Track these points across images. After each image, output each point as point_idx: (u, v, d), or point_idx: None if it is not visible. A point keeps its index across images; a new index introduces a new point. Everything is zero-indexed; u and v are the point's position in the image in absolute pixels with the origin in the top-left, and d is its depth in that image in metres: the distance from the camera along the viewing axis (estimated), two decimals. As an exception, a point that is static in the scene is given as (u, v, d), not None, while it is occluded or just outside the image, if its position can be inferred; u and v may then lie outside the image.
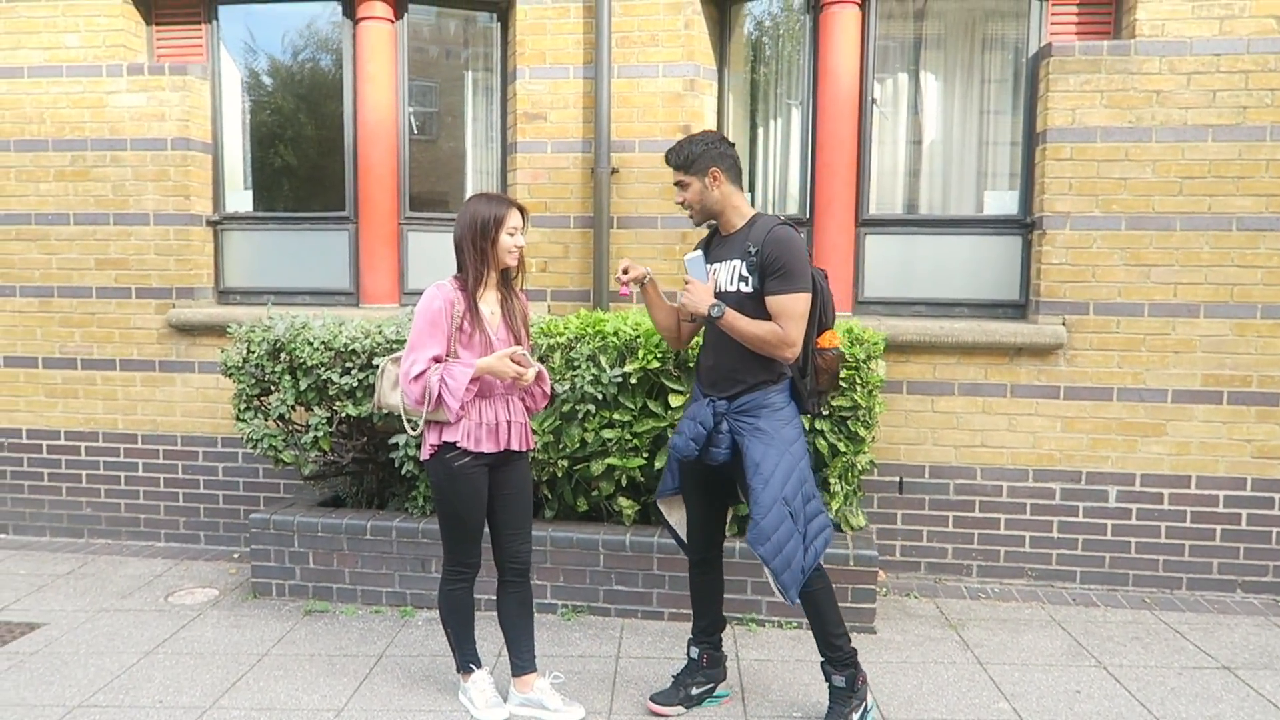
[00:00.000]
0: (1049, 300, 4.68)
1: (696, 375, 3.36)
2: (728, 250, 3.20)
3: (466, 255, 3.17)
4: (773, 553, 3.01)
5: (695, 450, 3.13)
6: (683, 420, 3.22)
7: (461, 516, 3.27)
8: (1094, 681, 3.70)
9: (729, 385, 3.15)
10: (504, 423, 3.23)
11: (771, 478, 3.04)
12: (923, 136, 5.21)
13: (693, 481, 3.34)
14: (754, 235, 3.12)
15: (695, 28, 5.06)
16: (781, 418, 3.14)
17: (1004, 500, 4.79)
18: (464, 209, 3.19)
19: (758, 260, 3.07)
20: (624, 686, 3.61)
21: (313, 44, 5.62)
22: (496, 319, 3.25)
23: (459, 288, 3.18)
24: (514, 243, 3.21)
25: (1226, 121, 4.54)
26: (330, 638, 4.06)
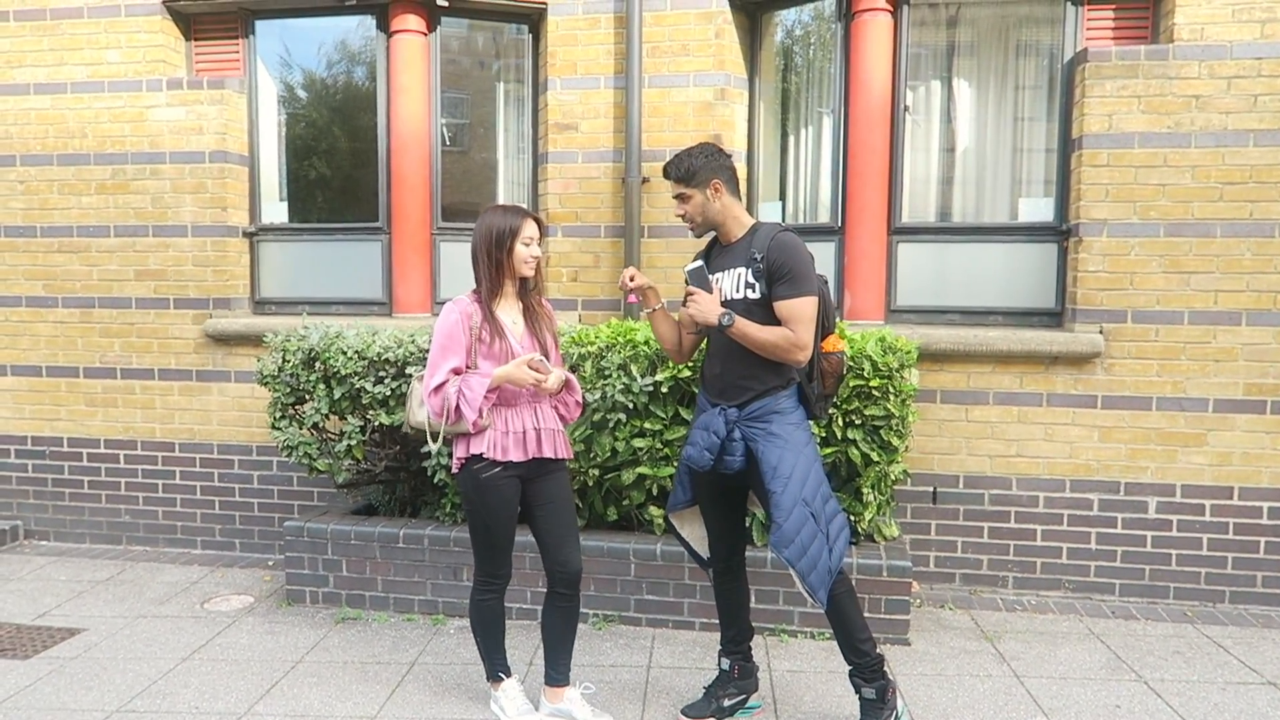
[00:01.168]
0: (1086, 308, 4.61)
1: (702, 384, 3.34)
2: (730, 259, 3.19)
3: (482, 266, 3.19)
4: (798, 555, 3.00)
5: (710, 460, 3.10)
6: (693, 431, 3.19)
7: (490, 528, 3.25)
8: (1134, 696, 3.63)
9: (738, 393, 3.14)
10: (531, 430, 3.20)
11: (790, 480, 3.03)
12: (956, 144, 5.17)
13: (708, 492, 3.32)
14: (758, 242, 3.12)
15: (726, 37, 5.07)
16: (792, 421, 3.14)
17: (1040, 511, 4.72)
18: (479, 221, 3.21)
19: (764, 266, 3.08)
20: (655, 696, 3.60)
21: (346, 57, 5.69)
22: (519, 328, 3.24)
23: (475, 299, 3.20)
24: (530, 253, 3.20)
25: (1269, 126, 4.46)
26: (363, 645, 4.08)
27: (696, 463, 3.12)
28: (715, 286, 3.17)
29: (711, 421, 3.12)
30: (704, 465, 3.11)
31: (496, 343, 3.15)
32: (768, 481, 3.04)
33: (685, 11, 5.06)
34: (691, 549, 3.48)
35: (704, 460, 3.10)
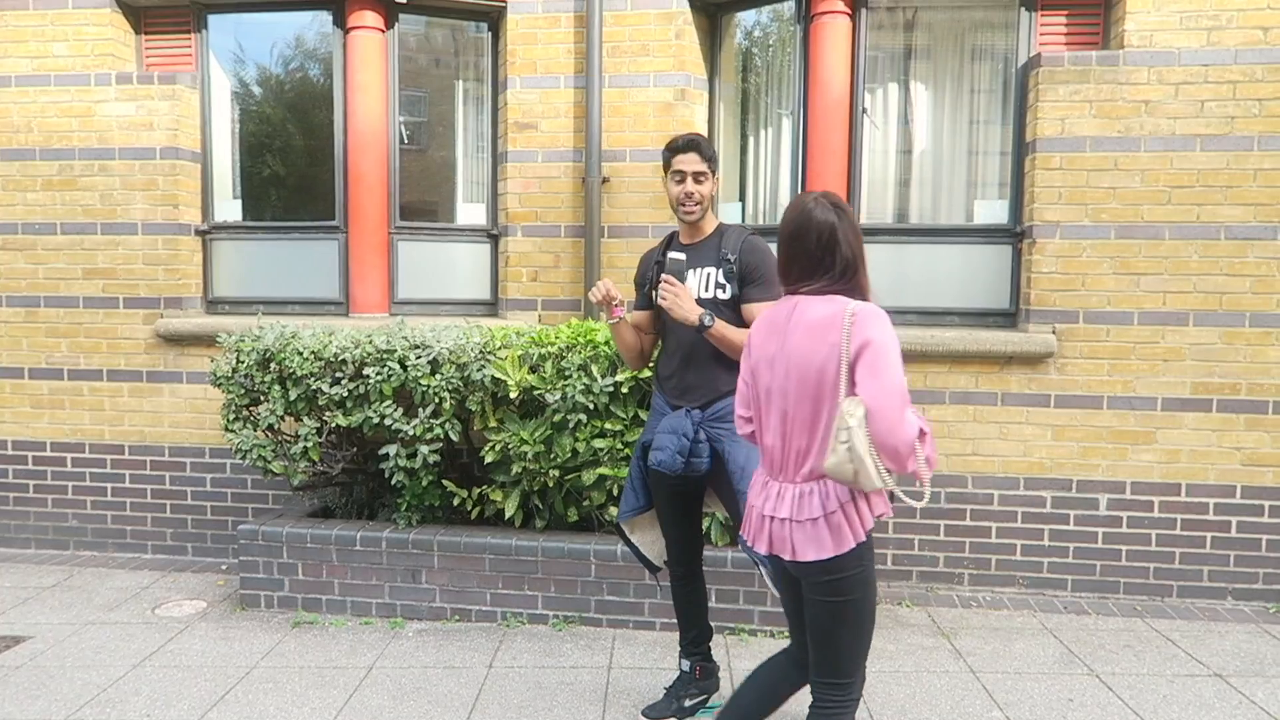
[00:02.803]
0: (1039, 309, 4.69)
1: (658, 386, 3.30)
2: (696, 258, 3.17)
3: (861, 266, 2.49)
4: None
5: (683, 464, 3.06)
6: (659, 435, 3.11)
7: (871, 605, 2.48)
8: (1087, 690, 3.70)
9: (702, 394, 3.14)
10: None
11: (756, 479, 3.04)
12: (913, 146, 5.22)
13: (667, 496, 3.29)
14: (729, 244, 3.15)
15: (686, 37, 5.08)
16: None
17: (995, 509, 4.79)
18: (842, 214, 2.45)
19: (736, 268, 3.10)
20: (616, 697, 3.59)
21: (303, 53, 5.61)
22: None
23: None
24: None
25: (1214, 131, 4.56)
26: (320, 650, 4.03)
27: (668, 467, 3.04)
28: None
29: (679, 424, 3.09)
30: (676, 469, 3.06)
31: None
32: (736, 481, 3.05)
33: (645, 11, 5.06)
34: (642, 555, 3.43)
35: (676, 464, 3.05)
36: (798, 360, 2.36)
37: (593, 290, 3.20)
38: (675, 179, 3.16)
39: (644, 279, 3.35)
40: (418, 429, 4.20)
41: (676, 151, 3.16)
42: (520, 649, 4.02)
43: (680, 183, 3.15)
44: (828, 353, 2.30)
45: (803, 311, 2.40)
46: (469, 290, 5.47)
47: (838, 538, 2.33)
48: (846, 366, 2.27)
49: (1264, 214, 4.54)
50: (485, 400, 4.26)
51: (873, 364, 2.21)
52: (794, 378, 2.37)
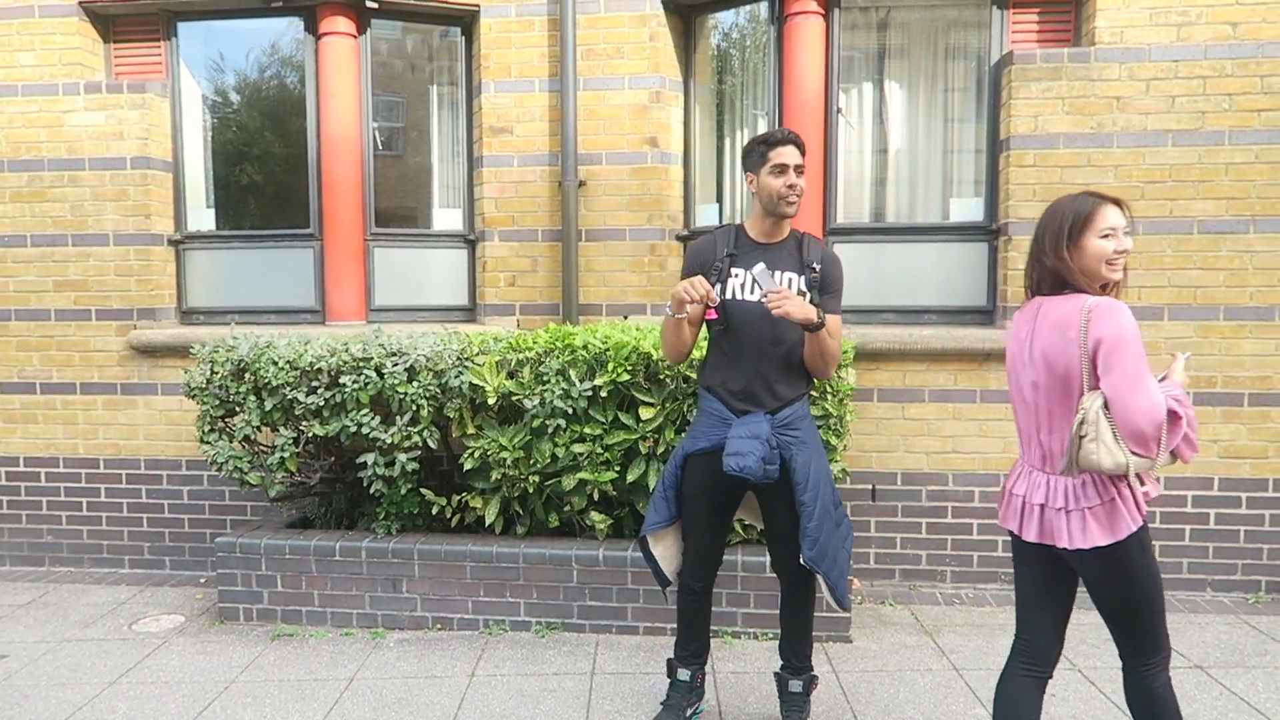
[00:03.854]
0: (1016, 305, 4.70)
1: (714, 392, 3.14)
2: (773, 260, 3.10)
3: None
4: (830, 564, 3.05)
5: (775, 472, 3.00)
6: (739, 441, 2.96)
7: (1157, 594, 2.48)
8: (1068, 684, 3.71)
9: (769, 400, 3.07)
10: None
11: (820, 488, 3.06)
12: (888, 145, 5.23)
13: (709, 506, 3.19)
14: (811, 252, 3.12)
15: (660, 40, 5.07)
16: (813, 425, 3.20)
17: (976, 505, 4.80)
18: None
19: (820, 278, 3.08)
20: (599, 703, 3.57)
21: (275, 60, 5.57)
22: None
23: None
24: (1111, 247, 2.44)
25: (1186, 127, 4.60)
26: (300, 662, 3.98)
27: (753, 473, 2.93)
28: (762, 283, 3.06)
29: (759, 429, 2.99)
30: (761, 476, 2.95)
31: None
32: (800, 492, 3.02)
33: (619, 14, 5.05)
34: (660, 569, 3.30)
35: (760, 471, 2.94)
36: (1047, 358, 2.45)
37: (688, 289, 2.92)
38: (776, 172, 3.03)
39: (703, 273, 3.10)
40: (395, 437, 4.17)
41: (777, 144, 3.05)
42: (502, 657, 4.00)
43: (782, 174, 3.03)
44: (1071, 349, 2.39)
45: (1046, 310, 2.49)
46: (446, 296, 5.44)
47: (1115, 524, 2.38)
48: (1087, 361, 2.36)
49: (1235, 208, 4.57)
50: (463, 407, 4.23)
51: (1108, 357, 2.31)
52: (1044, 374, 2.46)
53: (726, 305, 3.09)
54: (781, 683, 3.32)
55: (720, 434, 3.07)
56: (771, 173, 3.05)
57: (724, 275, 3.10)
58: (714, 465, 3.08)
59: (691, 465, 3.17)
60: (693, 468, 3.17)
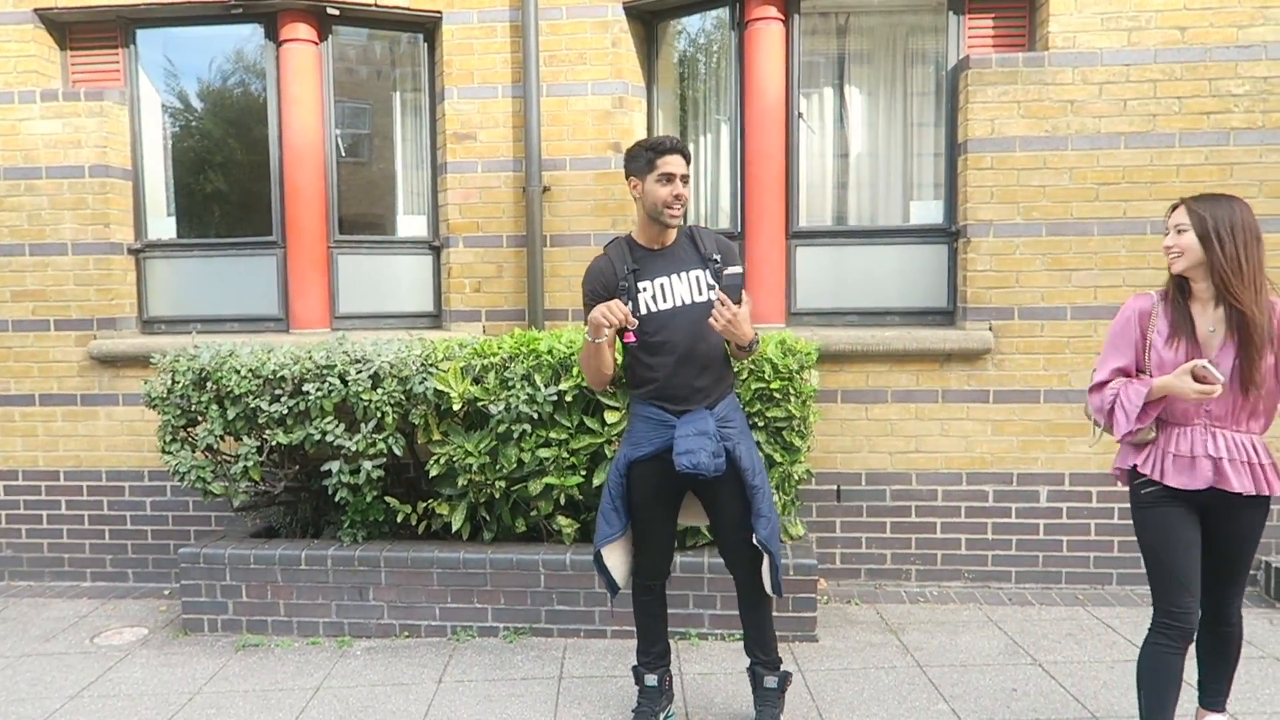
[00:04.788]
0: (976, 306, 4.77)
1: (646, 395, 3.13)
2: (675, 262, 3.11)
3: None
4: (772, 537, 3.12)
5: (724, 465, 3.02)
6: (688, 439, 2.99)
7: (1155, 550, 2.85)
8: (1030, 679, 3.77)
9: (704, 397, 3.10)
10: (1204, 458, 2.76)
11: (763, 473, 3.17)
12: (849, 149, 5.30)
13: (660, 508, 3.22)
14: (707, 245, 3.14)
15: (623, 45, 5.10)
16: (743, 414, 3.28)
17: (939, 504, 4.86)
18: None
19: (722, 267, 3.09)
20: (567, 706, 3.58)
21: (235, 67, 5.53)
22: (1217, 338, 2.77)
23: (1160, 296, 2.86)
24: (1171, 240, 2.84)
25: (1138, 129, 4.69)
26: (265, 672, 3.96)
27: (706, 468, 2.96)
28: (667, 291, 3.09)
29: (704, 425, 3.03)
30: (712, 470, 2.99)
31: (1178, 345, 2.78)
32: (749, 478, 3.09)
33: (581, 20, 5.07)
34: (611, 578, 3.30)
35: (712, 466, 2.98)
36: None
37: (605, 314, 2.93)
38: (663, 180, 3.04)
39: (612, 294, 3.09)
40: (360, 444, 4.16)
41: (664, 152, 3.04)
42: (470, 663, 3.99)
43: (669, 183, 3.04)
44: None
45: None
46: (412, 303, 5.43)
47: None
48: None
49: (1187, 208, 4.66)
50: (428, 413, 4.23)
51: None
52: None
53: (642, 320, 3.07)
54: (756, 678, 3.34)
55: (662, 437, 3.08)
56: (659, 180, 3.04)
57: (633, 292, 3.09)
58: (659, 469, 3.11)
59: (637, 472, 3.17)
60: (639, 475, 3.17)
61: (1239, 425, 2.79)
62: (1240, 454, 2.77)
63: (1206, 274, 2.77)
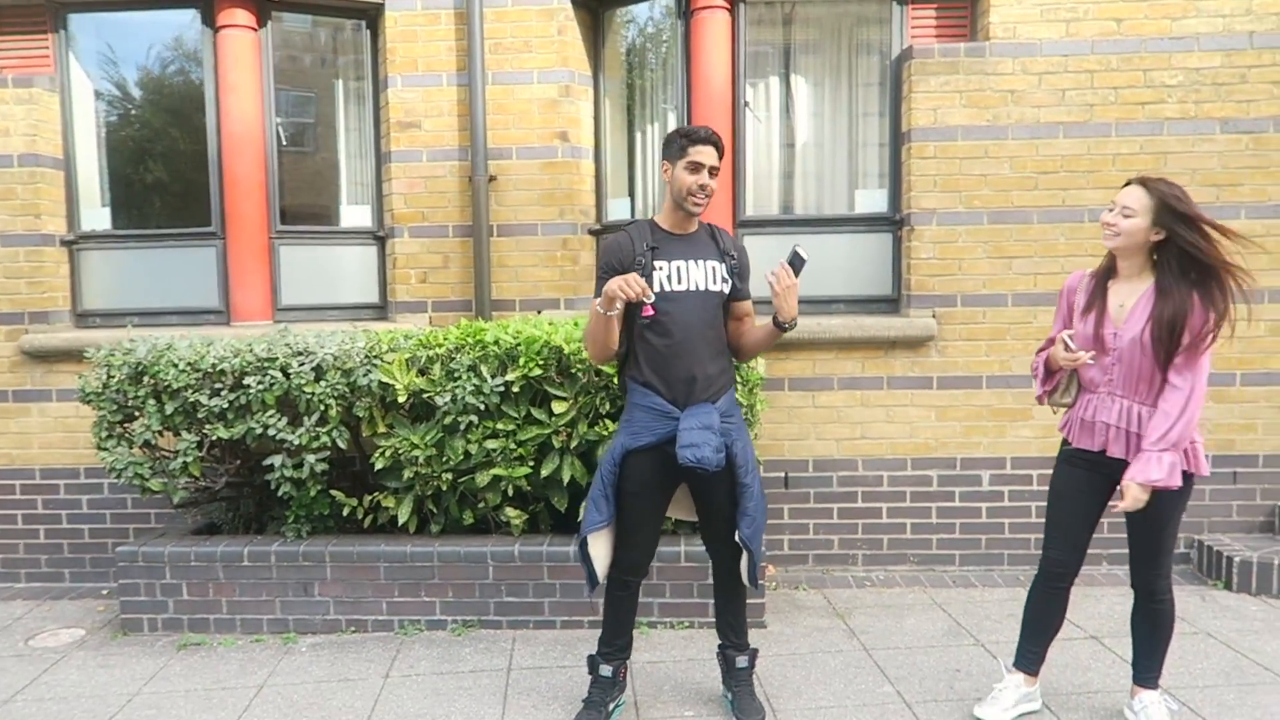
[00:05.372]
0: (919, 294, 4.84)
1: (648, 385, 3.10)
2: (693, 249, 3.15)
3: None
4: (755, 535, 3.16)
5: (723, 459, 3.01)
6: (692, 433, 2.97)
7: (1050, 500, 3.20)
8: (973, 659, 3.84)
9: (706, 390, 3.10)
10: (1100, 424, 3.01)
11: (755, 470, 3.21)
12: (795, 139, 5.32)
13: (652, 502, 3.20)
14: (725, 241, 3.24)
15: (568, 33, 5.06)
16: (739, 408, 3.31)
17: (885, 489, 4.92)
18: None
19: (738, 265, 3.23)
20: (515, 698, 3.56)
21: (171, 53, 5.39)
22: (1124, 312, 2.95)
23: (1091, 273, 3.10)
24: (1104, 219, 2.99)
25: (1076, 119, 4.78)
26: (207, 671, 3.88)
27: (711, 463, 2.95)
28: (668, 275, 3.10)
29: (709, 419, 3.02)
30: (716, 466, 2.98)
31: (1089, 317, 3.00)
32: (742, 475, 3.12)
33: (526, 8, 5.03)
34: (593, 569, 3.24)
35: (715, 461, 2.96)
36: None
37: (623, 285, 2.87)
38: (691, 169, 3.05)
39: (627, 269, 3.06)
40: (303, 438, 4.09)
41: (697, 141, 3.05)
42: (418, 656, 3.96)
43: (696, 173, 3.05)
44: None
45: None
46: (357, 294, 5.35)
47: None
48: None
49: (1123, 197, 4.76)
50: (373, 405, 4.17)
51: None
52: None
53: (657, 297, 3.07)
54: (728, 660, 3.39)
55: (662, 428, 3.06)
56: (687, 168, 3.06)
57: (648, 269, 3.08)
58: (657, 460, 3.09)
59: (632, 462, 3.12)
60: (634, 465, 3.12)
61: (1139, 397, 2.94)
62: (1130, 424, 2.95)
63: (1134, 255, 2.93)
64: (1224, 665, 3.75)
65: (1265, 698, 3.47)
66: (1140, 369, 2.91)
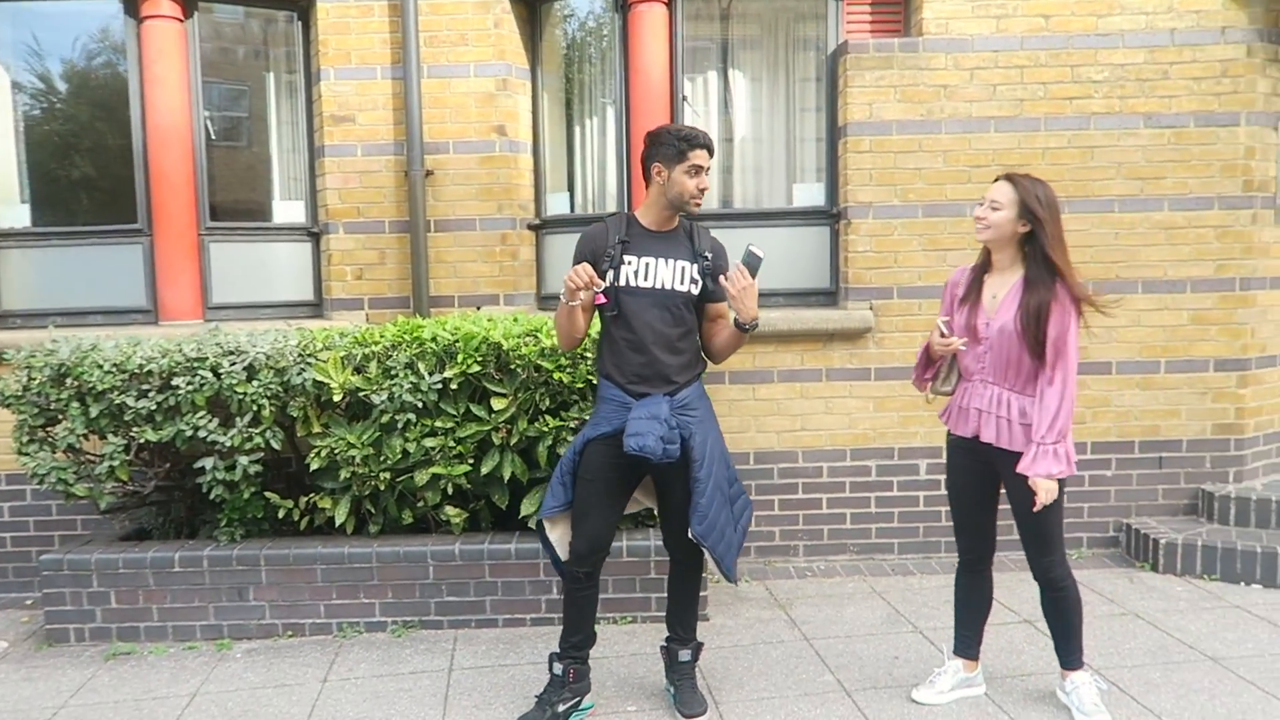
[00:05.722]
0: (857, 287, 4.89)
1: (611, 376, 3.18)
2: (665, 248, 3.18)
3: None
4: (714, 535, 3.13)
5: (672, 450, 3.04)
6: (639, 422, 3.02)
7: (947, 491, 3.43)
8: (910, 646, 3.90)
9: (667, 381, 3.14)
10: (973, 409, 3.16)
11: (714, 465, 3.17)
12: (734, 133, 5.34)
13: (611, 489, 3.21)
14: (702, 241, 3.25)
15: (505, 26, 5.02)
16: (709, 404, 3.30)
17: (825, 480, 4.97)
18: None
19: (711, 266, 3.20)
20: (456, 699, 3.53)
21: (97, 45, 5.22)
22: (997, 302, 3.09)
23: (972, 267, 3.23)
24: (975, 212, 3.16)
25: (1006, 114, 4.86)
26: (137, 681, 3.77)
27: (653, 453, 2.98)
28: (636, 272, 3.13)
29: (658, 410, 3.05)
30: (661, 455, 3.01)
31: (965, 308, 3.16)
32: (695, 469, 3.11)
33: (462, 1, 4.96)
34: (556, 555, 3.31)
35: (660, 451, 3.00)
36: None
37: (573, 276, 2.96)
38: (692, 172, 3.11)
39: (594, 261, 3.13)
40: (236, 439, 4.00)
41: (697, 146, 3.11)
42: (357, 659, 3.90)
43: (697, 175, 3.12)
44: None
45: None
46: (291, 292, 5.25)
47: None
48: None
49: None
50: (308, 405, 4.09)
51: None
52: None
53: (619, 292, 3.13)
54: (671, 654, 3.40)
55: (621, 418, 3.11)
56: (688, 172, 3.11)
57: (616, 262, 3.14)
58: (613, 449, 3.12)
59: (591, 450, 3.18)
60: (591, 452, 3.18)
61: (1011, 385, 3.08)
62: (1001, 409, 3.08)
63: (1005, 247, 3.08)
64: (1150, 645, 3.86)
65: (1189, 675, 3.58)
66: (1009, 357, 3.04)
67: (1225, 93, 4.83)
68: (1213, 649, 3.81)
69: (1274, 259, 5.02)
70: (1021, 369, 3.03)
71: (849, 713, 3.36)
